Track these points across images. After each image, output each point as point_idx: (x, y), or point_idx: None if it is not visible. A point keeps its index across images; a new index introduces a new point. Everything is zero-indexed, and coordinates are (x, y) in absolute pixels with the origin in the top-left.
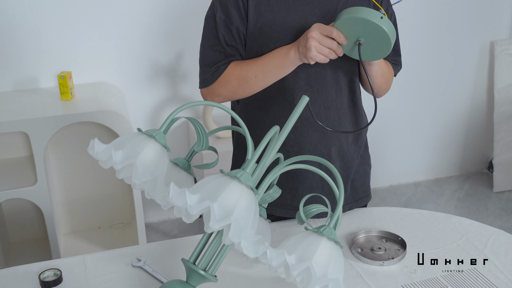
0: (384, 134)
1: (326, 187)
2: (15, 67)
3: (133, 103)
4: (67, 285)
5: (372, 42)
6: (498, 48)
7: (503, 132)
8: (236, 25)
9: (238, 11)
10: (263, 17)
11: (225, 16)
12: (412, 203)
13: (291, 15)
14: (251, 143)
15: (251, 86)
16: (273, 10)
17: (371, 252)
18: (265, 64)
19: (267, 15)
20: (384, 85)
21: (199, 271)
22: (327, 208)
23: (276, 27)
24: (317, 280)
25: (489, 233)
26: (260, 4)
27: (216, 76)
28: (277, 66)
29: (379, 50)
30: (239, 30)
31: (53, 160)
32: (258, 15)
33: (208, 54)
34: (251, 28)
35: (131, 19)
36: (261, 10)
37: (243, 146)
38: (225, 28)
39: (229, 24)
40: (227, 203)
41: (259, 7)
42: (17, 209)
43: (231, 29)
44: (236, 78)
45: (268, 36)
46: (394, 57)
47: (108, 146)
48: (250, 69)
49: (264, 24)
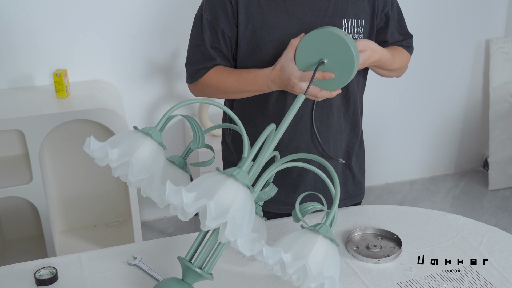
0: (379, 132)
1: (319, 183)
2: (10, 64)
3: (129, 101)
4: (62, 283)
5: (335, 62)
6: (494, 47)
7: (498, 130)
8: (222, 27)
9: (225, 14)
10: (254, 19)
11: (212, 18)
12: (407, 201)
13: (282, 16)
14: (247, 141)
15: (230, 97)
16: (263, 12)
17: (366, 249)
18: (245, 85)
19: (258, 17)
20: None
21: (195, 269)
22: (322, 205)
23: (268, 29)
24: (313, 278)
25: (484, 231)
26: (250, 6)
27: (195, 78)
28: (257, 91)
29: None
30: (224, 33)
31: (48, 158)
32: (248, 18)
33: (192, 53)
34: (242, 31)
35: (127, 17)
36: (252, 12)
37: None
38: (210, 29)
39: (215, 25)
40: (223, 201)
41: (249, 9)
42: (13, 207)
43: (216, 31)
44: (214, 87)
45: (260, 37)
46: (405, 40)
47: (104, 144)
48: (230, 85)
49: (255, 26)
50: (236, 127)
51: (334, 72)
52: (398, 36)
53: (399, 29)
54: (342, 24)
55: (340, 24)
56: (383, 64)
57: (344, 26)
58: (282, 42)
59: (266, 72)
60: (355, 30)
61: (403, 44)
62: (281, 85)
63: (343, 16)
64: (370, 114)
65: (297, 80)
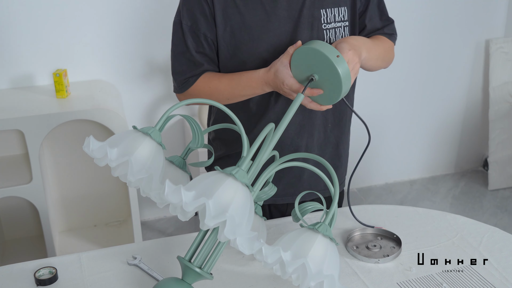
0: (379, 132)
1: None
2: (10, 64)
3: (128, 101)
4: (62, 283)
5: (325, 81)
6: (493, 47)
7: (498, 130)
8: (203, 31)
9: (204, 16)
10: (232, 20)
11: (192, 23)
12: (407, 201)
13: (260, 14)
14: (246, 141)
15: (222, 102)
16: (240, 12)
17: (366, 249)
18: (239, 89)
19: (235, 18)
20: (384, 64)
21: (195, 269)
22: (322, 205)
23: (247, 29)
24: (312, 276)
25: (484, 231)
26: (227, 8)
27: (185, 88)
28: (251, 94)
29: (329, 93)
30: (206, 36)
31: (48, 158)
32: (226, 19)
33: (177, 62)
34: (221, 33)
35: (127, 17)
36: (229, 13)
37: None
38: (192, 35)
39: (196, 30)
40: (222, 200)
41: (226, 11)
42: (12, 207)
43: (198, 36)
44: (206, 94)
45: (239, 38)
46: (386, 27)
47: (103, 144)
48: (222, 90)
49: (234, 27)
50: (235, 127)
51: (324, 89)
52: (379, 22)
53: (379, 14)
54: (321, 14)
55: (319, 15)
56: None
57: (323, 16)
58: (262, 41)
59: (260, 74)
60: (336, 19)
61: (384, 31)
62: (275, 87)
63: (322, 6)
64: (370, 114)
65: (288, 90)
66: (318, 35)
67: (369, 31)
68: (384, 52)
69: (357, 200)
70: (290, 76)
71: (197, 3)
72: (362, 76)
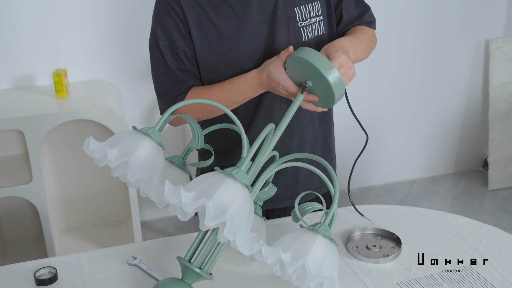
0: (379, 132)
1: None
2: (10, 64)
3: (129, 101)
4: (62, 283)
5: (318, 89)
6: (493, 47)
7: (498, 130)
8: (182, 48)
9: (180, 33)
10: (207, 33)
11: (169, 41)
12: (407, 200)
13: (234, 23)
14: (246, 141)
15: (214, 115)
16: (214, 24)
17: (366, 249)
18: (232, 96)
19: (211, 30)
20: (368, 54)
21: (195, 269)
22: (321, 205)
23: (223, 39)
24: (312, 277)
25: (483, 231)
26: (201, 21)
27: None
28: (244, 99)
29: (323, 99)
30: (186, 53)
31: (48, 158)
32: (201, 33)
33: (161, 83)
34: (198, 47)
35: (127, 17)
36: (203, 26)
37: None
38: (171, 53)
39: (175, 48)
40: (222, 200)
41: (200, 25)
42: (12, 207)
43: (178, 53)
44: (197, 110)
45: (218, 50)
46: (364, 15)
47: (103, 144)
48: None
49: (210, 40)
50: (235, 127)
51: (319, 95)
52: (355, 9)
53: (355, 2)
54: (296, 12)
55: (293, 14)
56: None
57: (298, 14)
58: (241, 49)
59: (253, 76)
60: (311, 14)
61: (363, 20)
62: (269, 88)
63: (295, 4)
64: (370, 114)
65: (284, 91)
66: (295, 33)
67: (346, 21)
68: (367, 45)
69: (357, 200)
70: (286, 77)
71: (171, 21)
72: (363, 76)
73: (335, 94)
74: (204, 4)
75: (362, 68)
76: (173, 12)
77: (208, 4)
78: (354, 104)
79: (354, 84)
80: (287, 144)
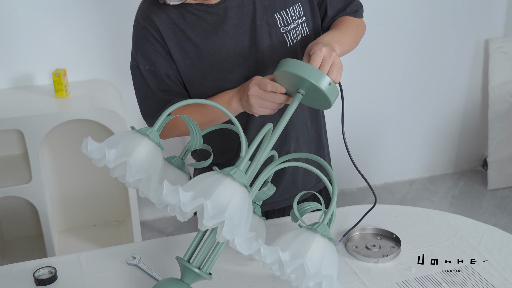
0: (378, 131)
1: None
2: (9, 64)
3: (128, 101)
4: (62, 283)
5: (312, 95)
6: (493, 46)
7: (498, 130)
8: (164, 70)
9: (160, 56)
10: (188, 52)
11: (149, 65)
12: (407, 200)
13: (214, 40)
14: (245, 141)
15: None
16: (194, 43)
17: (366, 249)
18: (208, 114)
19: (191, 50)
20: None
21: (194, 269)
22: (320, 204)
23: (206, 57)
24: (311, 276)
25: (483, 231)
26: (181, 42)
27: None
28: (221, 115)
29: (319, 102)
30: (168, 75)
31: (47, 158)
32: (183, 54)
33: (145, 105)
34: (182, 68)
35: (126, 16)
36: (184, 46)
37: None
38: (153, 76)
39: (156, 71)
40: (220, 200)
41: (180, 45)
42: (12, 207)
43: (160, 76)
44: (182, 125)
45: (201, 68)
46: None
47: (101, 145)
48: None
49: (193, 59)
50: (234, 127)
51: (314, 99)
52: (340, 2)
53: None
54: (276, 19)
55: (274, 21)
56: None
57: (279, 20)
58: (225, 63)
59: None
60: (293, 18)
61: (347, 12)
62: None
63: (274, 11)
64: (369, 113)
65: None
66: (279, 40)
67: (331, 16)
68: (354, 35)
69: (357, 200)
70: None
71: (149, 45)
72: (362, 76)
73: (330, 98)
74: (181, 25)
75: (362, 68)
76: (151, 36)
77: (185, 24)
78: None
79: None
80: (284, 150)
